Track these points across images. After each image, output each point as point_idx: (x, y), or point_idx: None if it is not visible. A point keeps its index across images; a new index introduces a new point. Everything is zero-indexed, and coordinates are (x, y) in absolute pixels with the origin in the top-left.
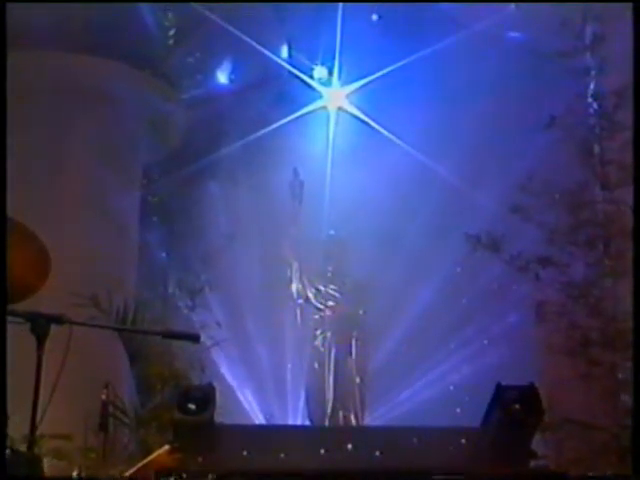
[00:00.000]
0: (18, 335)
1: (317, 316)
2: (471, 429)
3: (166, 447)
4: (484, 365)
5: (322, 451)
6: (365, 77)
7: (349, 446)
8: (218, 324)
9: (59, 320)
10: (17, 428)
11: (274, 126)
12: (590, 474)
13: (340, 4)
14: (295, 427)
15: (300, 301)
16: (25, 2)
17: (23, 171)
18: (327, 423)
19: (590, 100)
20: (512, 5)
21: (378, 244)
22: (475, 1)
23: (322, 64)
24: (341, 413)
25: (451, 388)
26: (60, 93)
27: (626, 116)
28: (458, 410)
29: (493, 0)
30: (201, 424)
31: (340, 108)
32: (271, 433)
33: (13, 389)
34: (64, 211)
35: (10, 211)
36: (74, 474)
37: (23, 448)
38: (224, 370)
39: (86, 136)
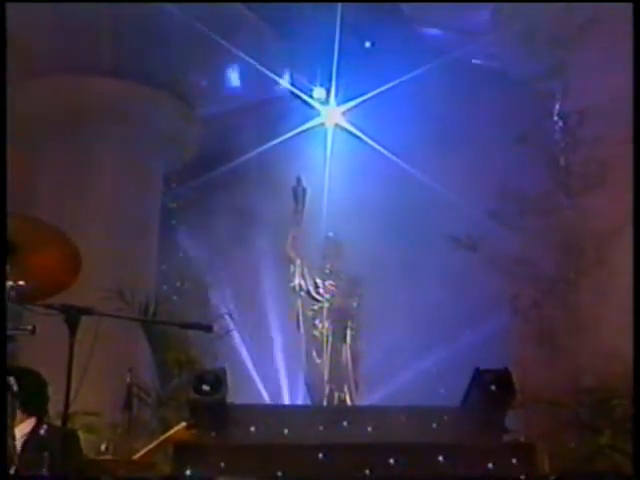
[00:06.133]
0: (53, 325)
1: (316, 307)
2: (452, 408)
3: (183, 424)
4: (465, 351)
5: (321, 427)
6: (359, 97)
7: (344, 423)
8: (229, 315)
9: (89, 312)
10: (53, 406)
11: (278, 140)
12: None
13: (337, 33)
14: (296, 406)
15: (302, 294)
16: (25, 2)
17: (59, 182)
18: (325, 403)
19: (556, 119)
20: (490, 36)
21: (371, 245)
22: (478, 1)
23: (320, 85)
24: (337, 394)
25: (434, 371)
26: (89, 113)
27: (587, 133)
28: (442, 391)
29: (492, 0)
30: (214, 404)
31: (337, 124)
32: (276, 412)
33: (49, 372)
34: (94, 216)
35: (48, 216)
36: (102, 446)
37: (58, 423)
38: (235, 356)
39: (112, 151)
